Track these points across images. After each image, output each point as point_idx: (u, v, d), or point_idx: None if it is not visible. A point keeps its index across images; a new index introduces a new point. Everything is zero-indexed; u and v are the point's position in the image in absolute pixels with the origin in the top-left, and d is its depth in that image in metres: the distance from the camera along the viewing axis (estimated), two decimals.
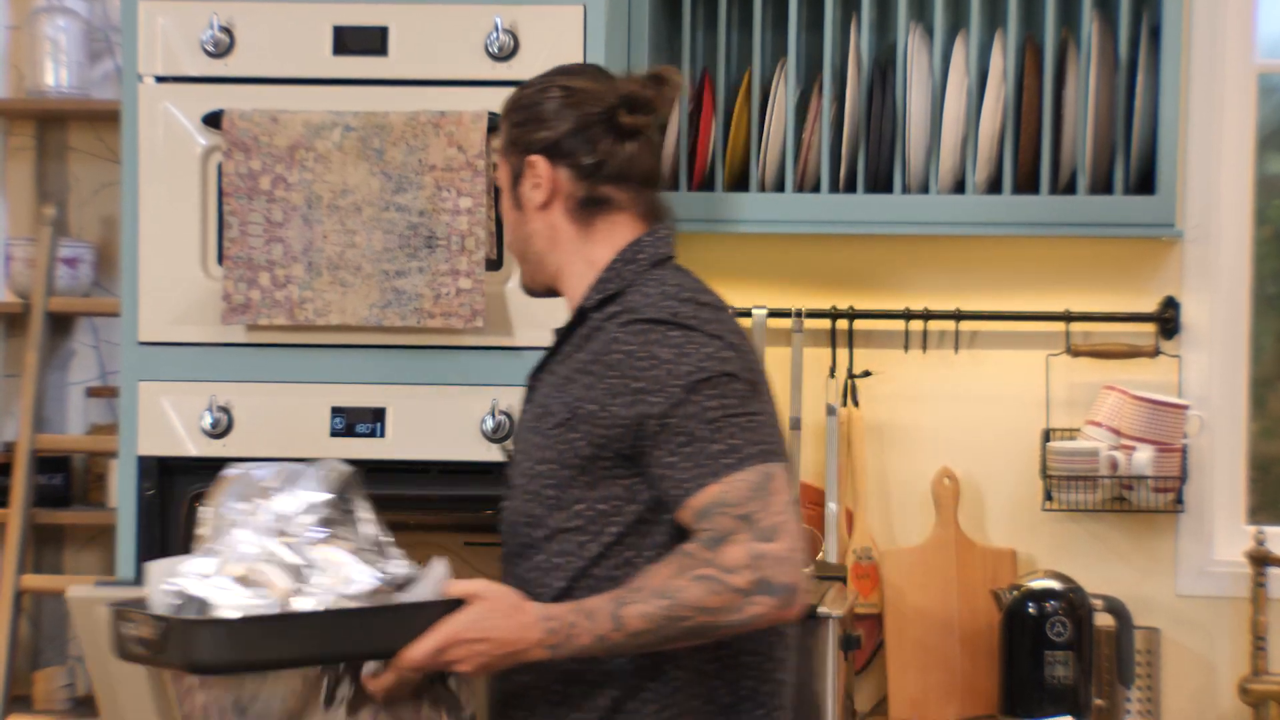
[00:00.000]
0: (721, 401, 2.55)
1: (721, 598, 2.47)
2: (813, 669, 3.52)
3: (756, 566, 2.47)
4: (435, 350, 3.47)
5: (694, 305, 2.66)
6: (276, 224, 3.42)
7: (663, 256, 2.76)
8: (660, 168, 2.80)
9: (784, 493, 2.52)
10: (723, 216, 3.76)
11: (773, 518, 2.49)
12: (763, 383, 2.66)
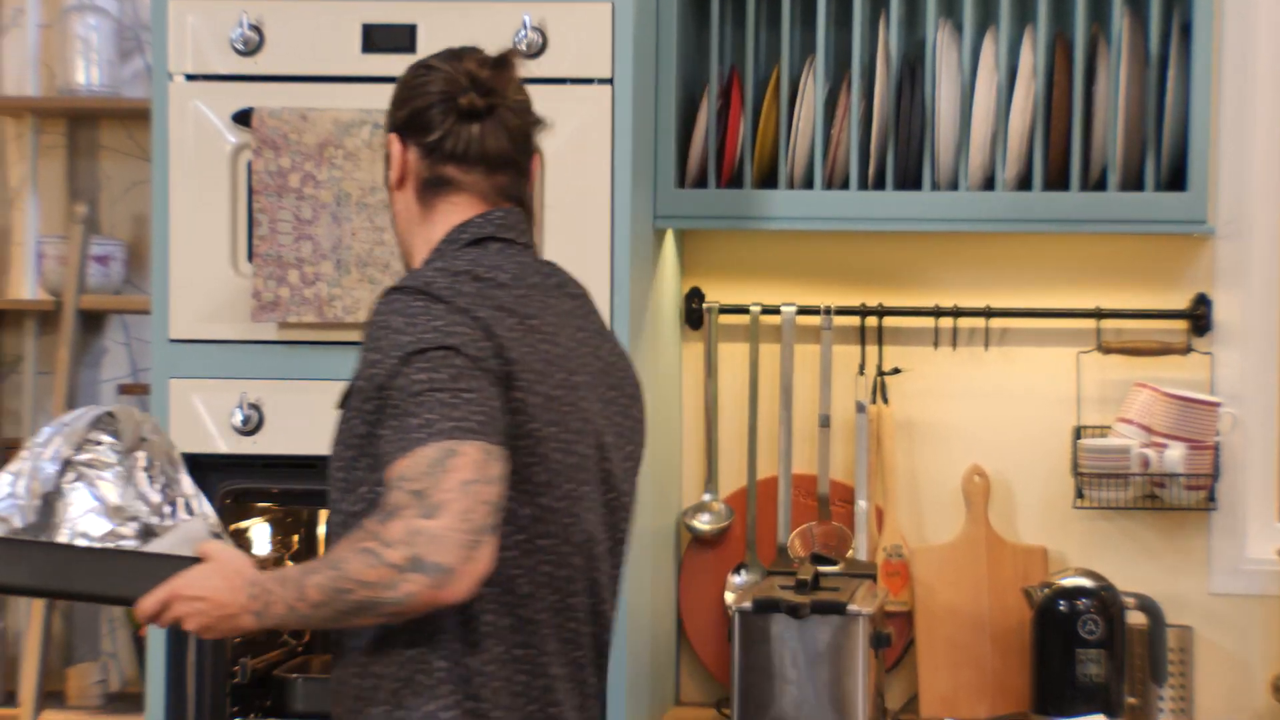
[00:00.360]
0: (430, 375, 2.47)
1: (377, 571, 2.39)
2: (843, 666, 3.52)
3: (411, 543, 2.38)
4: None
5: (465, 279, 2.59)
6: (306, 221, 3.43)
7: (485, 236, 2.67)
8: (513, 150, 2.68)
9: (463, 471, 2.41)
10: (751, 214, 3.76)
11: (441, 495, 2.39)
12: (516, 365, 2.54)
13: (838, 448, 3.96)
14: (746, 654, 3.55)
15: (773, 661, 3.53)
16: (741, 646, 3.55)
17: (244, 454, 3.49)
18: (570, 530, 2.59)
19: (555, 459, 2.57)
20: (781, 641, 3.53)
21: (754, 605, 3.56)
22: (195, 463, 3.48)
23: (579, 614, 2.62)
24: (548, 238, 3.45)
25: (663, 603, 3.85)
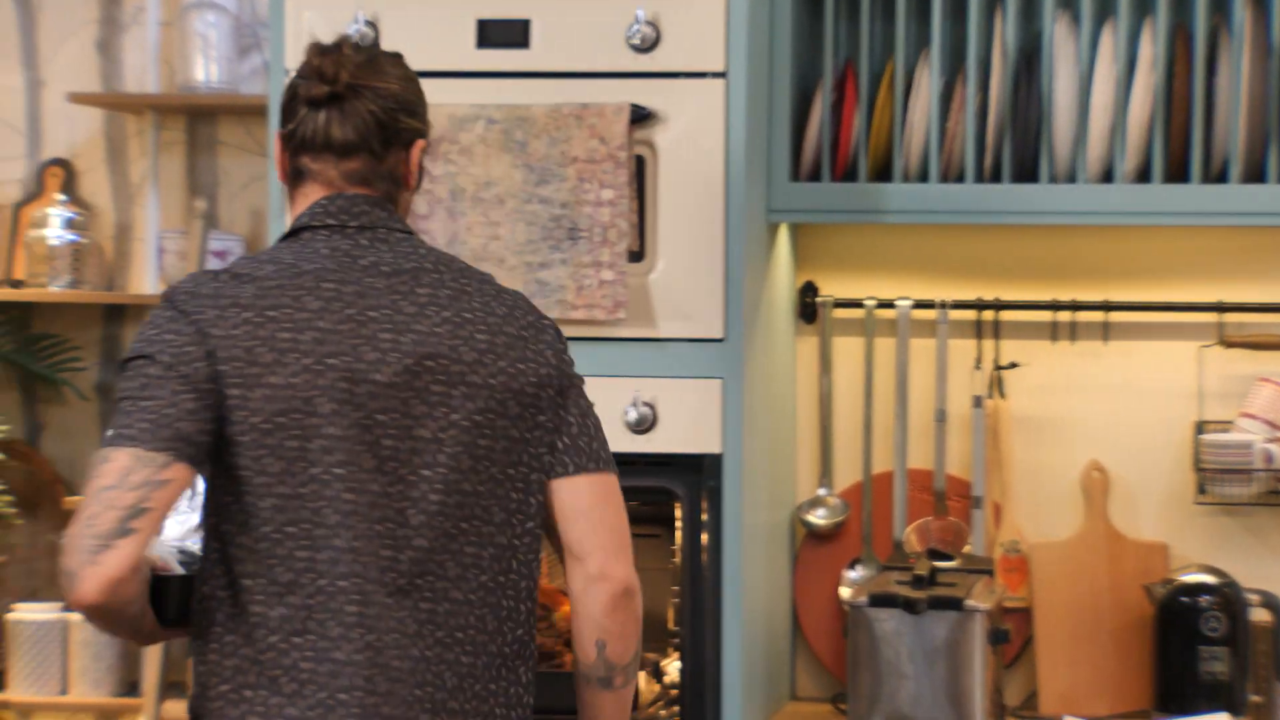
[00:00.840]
0: (125, 384, 2.53)
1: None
2: (960, 663, 3.50)
3: (62, 550, 2.50)
4: (578, 342, 3.46)
5: (211, 278, 2.60)
6: (421, 216, 3.45)
7: (301, 226, 2.66)
8: (365, 136, 2.66)
9: (104, 478, 2.47)
10: (866, 207, 3.74)
11: (83, 501, 2.50)
12: (232, 363, 2.53)
13: (954, 442, 3.93)
14: (862, 649, 3.53)
15: (889, 657, 3.51)
16: (857, 642, 3.54)
17: None
18: (323, 513, 2.54)
19: (290, 446, 2.54)
20: (898, 637, 3.51)
21: (870, 600, 3.54)
22: None
23: (368, 594, 2.56)
24: (660, 232, 3.45)
25: (778, 598, 3.84)
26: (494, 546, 2.62)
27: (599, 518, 2.68)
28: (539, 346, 2.68)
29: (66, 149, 4.37)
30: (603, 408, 3.43)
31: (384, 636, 2.54)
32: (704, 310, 3.46)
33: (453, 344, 2.62)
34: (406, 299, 2.63)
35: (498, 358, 2.64)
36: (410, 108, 2.71)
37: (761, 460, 3.64)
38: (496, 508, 2.62)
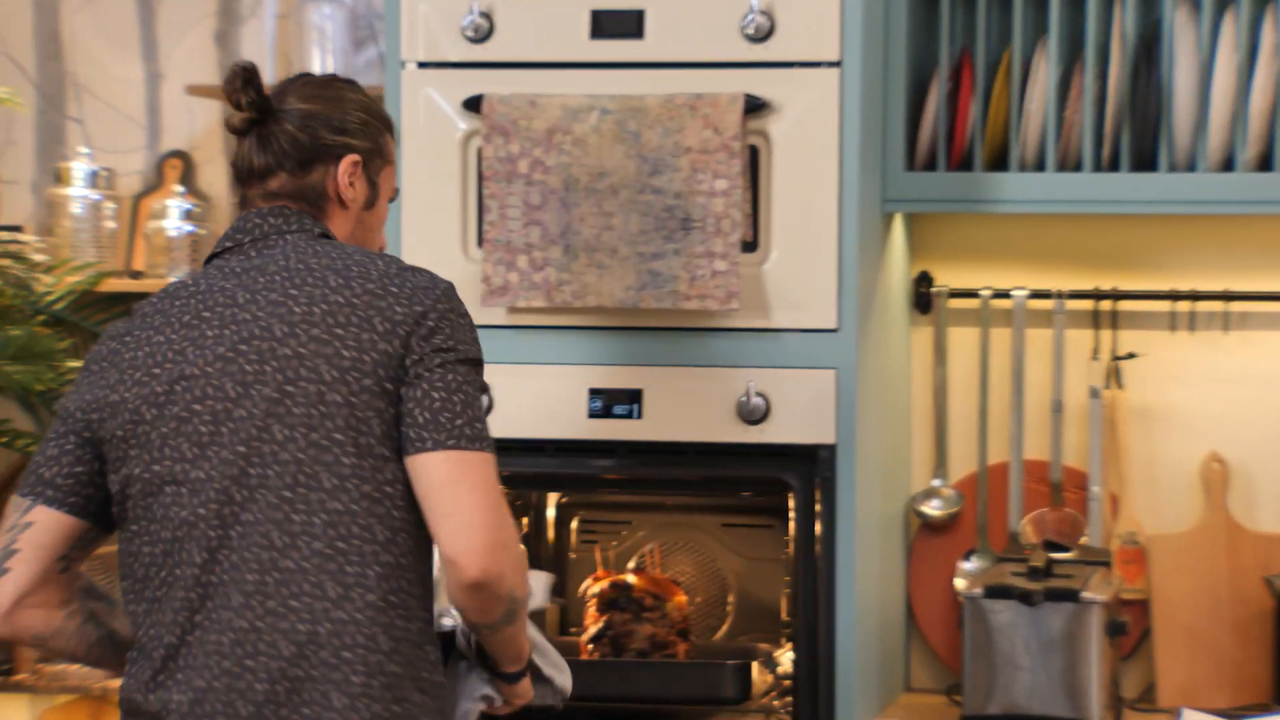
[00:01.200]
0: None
1: None
2: (1077, 655, 3.47)
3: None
4: (691, 332, 3.48)
5: (120, 322, 2.84)
6: (534, 207, 3.45)
7: (209, 256, 2.86)
8: (279, 158, 2.82)
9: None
10: (982, 196, 3.71)
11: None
12: (91, 402, 2.76)
13: (1070, 433, 3.90)
14: (977, 641, 3.51)
15: (1004, 649, 3.49)
16: (972, 633, 3.51)
17: None
18: (165, 506, 2.70)
19: (133, 455, 2.72)
20: (1013, 629, 3.49)
21: (985, 592, 3.52)
22: None
23: (198, 578, 2.68)
24: (774, 222, 3.44)
25: (892, 589, 3.83)
26: (326, 513, 2.65)
27: (449, 496, 2.66)
28: (369, 314, 2.70)
29: (185, 141, 4.41)
30: (715, 398, 3.46)
31: (211, 615, 2.67)
32: (817, 301, 3.45)
33: (269, 322, 2.71)
34: (245, 291, 2.74)
35: (312, 325, 2.69)
36: (336, 125, 2.83)
37: (876, 451, 3.62)
38: (325, 474, 2.65)
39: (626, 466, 3.54)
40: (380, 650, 2.65)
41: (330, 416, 2.67)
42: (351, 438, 2.66)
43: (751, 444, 3.46)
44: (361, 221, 2.88)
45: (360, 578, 2.65)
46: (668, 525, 3.97)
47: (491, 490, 2.67)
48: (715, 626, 3.96)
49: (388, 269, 2.76)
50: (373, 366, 2.68)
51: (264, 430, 2.67)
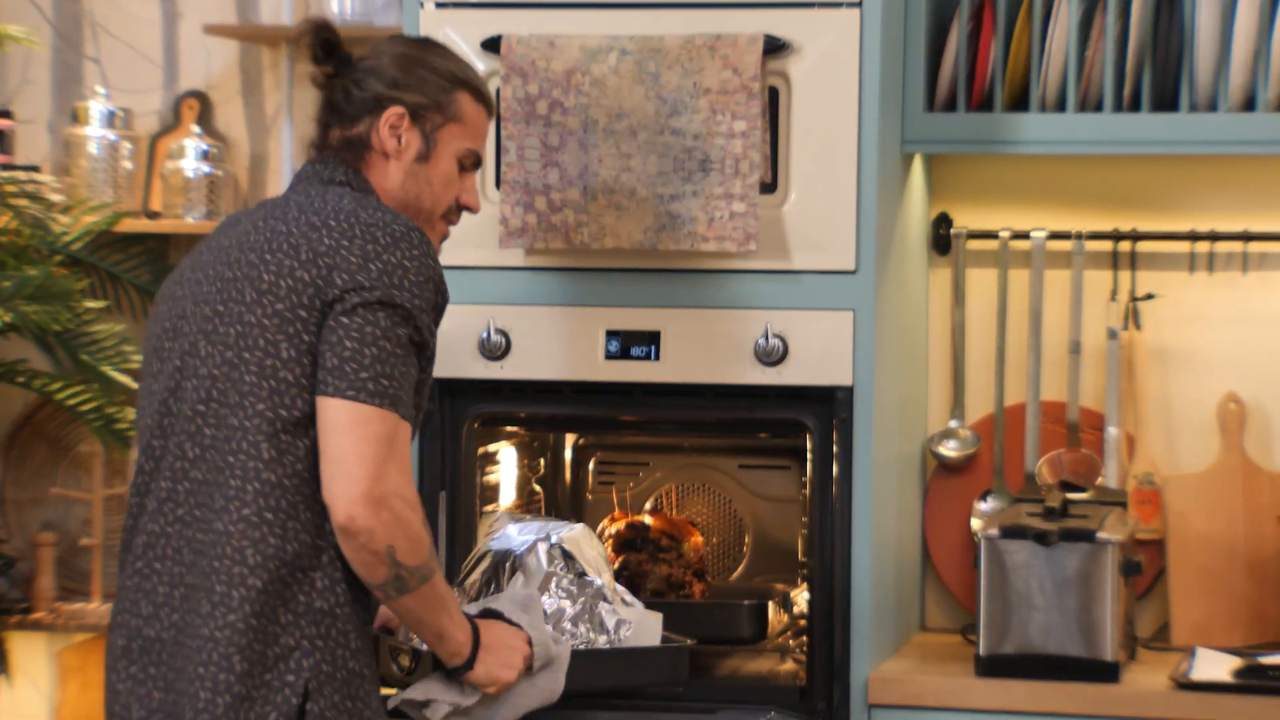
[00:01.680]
0: None
1: None
2: (1092, 594, 3.47)
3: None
4: (709, 274, 3.46)
5: None
6: (553, 148, 3.44)
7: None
8: (329, 111, 3.00)
9: None
10: (1002, 138, 3.69)
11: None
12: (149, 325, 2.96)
13: (1088, 374, 3.89)
14: (993, 581, 3.51)
15: (1020, 589, 3.49)
16: (988, 574, 3.51)
17: (492, 378, 3.52)
18: (140, 419, 2.89)
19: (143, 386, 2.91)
20: (1029, 569, 3.49)
21: (1001, 532, 3.51)
22: (445, 386, 3.53)
23: (142, 492, 2.87)
24: (793, 164, 3.42)
25: (908, 529, 3.82)
26: (226, 428, 2.78)
27: (335, 442, 2.73)
28: (298, 243, 2.80)
29: (202, 81, 4.39)
30: (733, 340, 3.45)
31: (140, 518, 2.85)
32: (836, 242, 3.44)
33: (231, 250, 2.85)
34: (245, 225, 2.88)
35: (247, 250, 2.82)
36: (389, 79, 2.97)
37: (893, 392, 3.61)
38: (231, 391, 2.78)
39: (644, 408, 3.53)
40: (245, 564, 2.74)
41: (245, 336, 2.79)
42: (258, 358, 2.78)
43: (769, 385, 3.45)
44: (415, 175, 2.99)
45: (240, 492, 2.76)
46: (685, 466, 3.97)
47: (381, 446, 2.72)
48: (732, 567, 3.96)
49: (353, 212, 2.83)
50: (287, 291, 2.78)
51: (194, 346, 2.82)
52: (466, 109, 3.02)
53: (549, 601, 3.15)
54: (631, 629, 3.17)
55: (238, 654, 2.72)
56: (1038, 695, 3.43)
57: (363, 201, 2.86)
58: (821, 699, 3.44)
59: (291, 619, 2.74)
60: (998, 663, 3.49)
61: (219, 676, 2.72)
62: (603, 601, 3.18)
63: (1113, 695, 3.42)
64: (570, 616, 3.16)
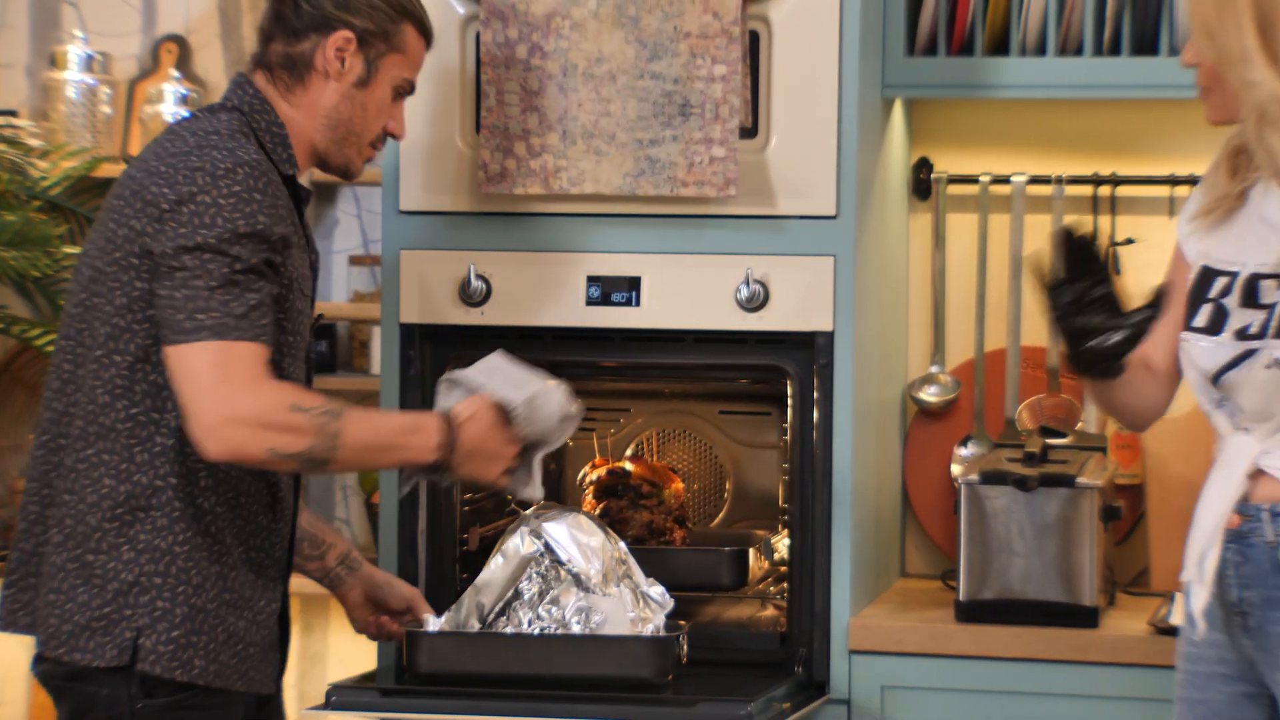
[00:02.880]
0: None
1: None
2: (1071, 539, 3.45)
3: None
4: (689, 219, 3.43)
5: None
6: (532, 93, 3.40)
7: None
8: (269, 24, 3.04)
9: None
10: (982, 82, 3.65)
11: None
12: None
13: None
14: (973, 527, 3.49)
15: (999, 534, 3.47)
16: (968, 519, 3.49)
17: (472, 324, 3.49)
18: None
19: None
20: (1009, 514, 3.47)
21: (981, 478, 3.49)
22: (425, 332, 3.50)
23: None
24: (774, 108, 3.38)
25: (888, 475, 3.80)
26: (80, 367, 2.88)
27: (178, 392, 2.81)
28: (138, 189, 2.84)
29: (181, 25, 4.34)
30: (714, 285, 3.41)
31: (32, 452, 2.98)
32: (816, 187, 3.40)
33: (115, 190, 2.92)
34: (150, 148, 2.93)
35: (116, 197, 2.89)
36: (341, 3, 2.98)
37: (873, 338, 3.58)
38: (86, 333, 2.88)
39: (624, 354, 3.50)
40: (84, 501, 2.85)
41: (95, 281, 2.87)
42: (99, 304, 2.86)
43: (749, 331, 3.42)
44: (352, 99, 3.01)
45: (83, 432, 2.87)
46: (666, 413, 3.94)
47: (201, 376, 2.79)
48: (713, 513, 3.94)
49: (181, 148, 2.88)
50: (122, 240, 2.84)
51: (73, 289, 2.92)
52: (410, 40, 3.04)
53: (525, 584, 3.18)
54: (604, 618, 3.17)
55: (81, 586, 2.83)
56: (1017, 641, 3.42)
57: (208, 136, 2.89)
58: (802, 645, 3.42)
59: (132, 555, 2.83)
60: (977, 608, 3.47)
61: (64, 605, 2.84)
62: (577, 588, 3.19)
63: (1092, 640, 3.41)
64: (541, 599, 3.19)
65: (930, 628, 3.46)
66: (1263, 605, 2.82)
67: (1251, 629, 2.84)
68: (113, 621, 2.82)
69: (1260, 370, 2.82)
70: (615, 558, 3.22)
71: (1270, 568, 2.81)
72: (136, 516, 2.84)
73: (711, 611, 3.67)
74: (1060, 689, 3.40)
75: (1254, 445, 2.85)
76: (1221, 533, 2.86)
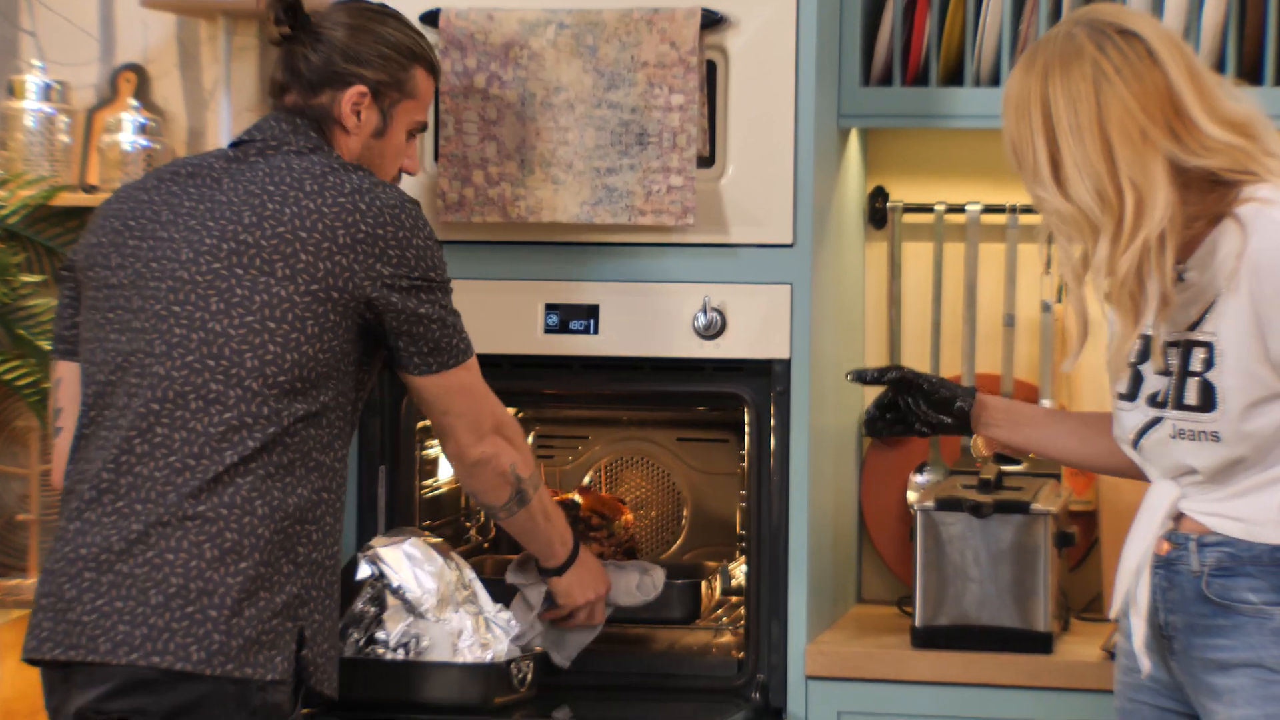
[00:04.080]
0: None
1: None
2: (1026, 565, 3.44)
3: None
4: (647, 247, 3.42)
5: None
6: (490, 122, 3.38)
7: (232, 143, 3.11)
8: (288, 76, 3.06)
9: None
10: (937, 112, 3.65)
11: None
12: (79, 269, 3.04)
13: (1021, 347, 3.86)
14: (928, 553, 3.48)
15: (955, 561, 3.46)
16: (924, 546, 3.48)
17: None
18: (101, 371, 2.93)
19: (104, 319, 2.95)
20: (964, 541, 3.46)
21: (936, 504, 3.48)
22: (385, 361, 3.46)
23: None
24: (731, 138, 3.38)
25: (845, 502, 3.79)
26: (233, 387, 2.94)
27: (444, 407, 3.12)
28: (331, 224, 2.93)
29: (140, 54, 4.31)
30: (671, 313, 3.40)
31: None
32: (773, 216, 3.40)
33: (238, 212, 2.94)
34: (221, 193, 2.96)
35: (267, 220, 2.92)
36: (351, 55, 3.03)
37: (830, 365, 3.57)
38: (249, 353, 2.94)
39: (582, 382, 3.49)
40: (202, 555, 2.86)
41: (269, 306, 2.91)
42: (284, 331, 2.92)
43: (707, 359, 3.41)
44: (370, 148, 3.07)
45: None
46: (624, 440, 3.92)
47: (476, 389, 3.12)
48: (670, 540, 3.92)
49: (348, 186, 2.93)
50: (324, 274, 2.92)
51: (200, 299, 2.93)
52: (420, 83, 3.11)
53: (359, 607, 3.18)
54: (430, 643, 3.16)
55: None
56: (973, 666, 3.41)
57: (368, 177, 2.98)
58: (759, 671, 3.41)
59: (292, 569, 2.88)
60: (933, 634, 3.46)
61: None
62: (407, 613, 3.17)
63: (1047, 666, 3.40)
64: (373, 623, 3.18)
65: (886, 653, 3.44)
66: (1186, 631, 2.85)
67: (1177, 653, 2.86)
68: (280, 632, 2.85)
69: (1168, 439, 2.86)
70: (456, 583, 3.20)
71: (1194, 595, 2.84)
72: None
73: (670, 638, 3.65)
74: (1015, 714, 3.39)
75: (1174, 490, 2.89)
76: (1151, 558, 2.89)
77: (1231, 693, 2.80)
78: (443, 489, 3.72)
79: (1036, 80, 2.82)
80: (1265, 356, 2.76)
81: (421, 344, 2.99)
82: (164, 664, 2.73)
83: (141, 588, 2.77)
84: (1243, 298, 2.77)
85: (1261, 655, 2.78)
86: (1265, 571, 2.81)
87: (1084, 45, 2.80)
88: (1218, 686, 2.81)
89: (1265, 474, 2.81)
